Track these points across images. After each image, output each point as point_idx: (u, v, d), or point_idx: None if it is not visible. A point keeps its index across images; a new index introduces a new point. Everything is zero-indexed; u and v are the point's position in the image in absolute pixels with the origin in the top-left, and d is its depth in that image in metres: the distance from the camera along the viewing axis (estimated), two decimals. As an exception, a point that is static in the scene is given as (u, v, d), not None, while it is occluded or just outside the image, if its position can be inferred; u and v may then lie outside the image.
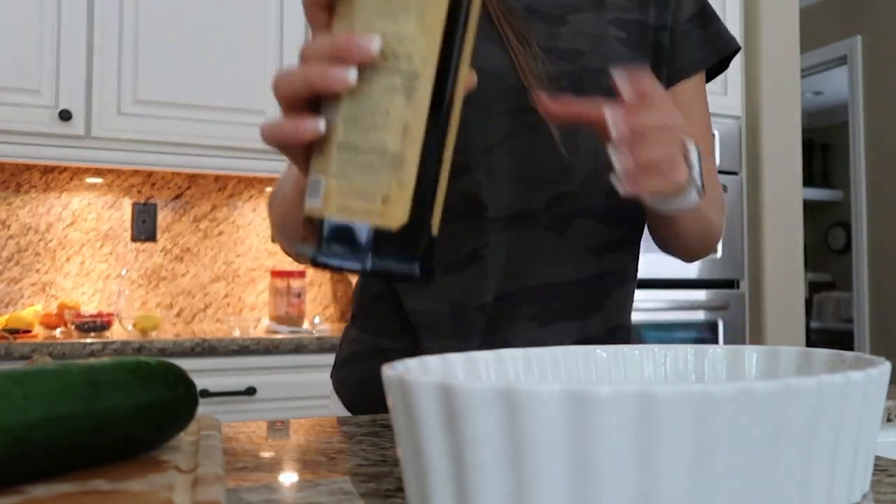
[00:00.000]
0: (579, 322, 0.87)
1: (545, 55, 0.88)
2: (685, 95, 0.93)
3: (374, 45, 0.44)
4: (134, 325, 2.26)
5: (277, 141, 0.49)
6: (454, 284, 0.85)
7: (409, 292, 0.88)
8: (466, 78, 0.49)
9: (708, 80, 0.96)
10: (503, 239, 0.85)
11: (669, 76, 0.92)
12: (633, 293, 0.94)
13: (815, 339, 5.67)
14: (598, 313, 0.88)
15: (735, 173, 2.76)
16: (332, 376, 0.97)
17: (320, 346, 2.14)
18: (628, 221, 0.90)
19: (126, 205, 2.53)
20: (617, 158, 0.63)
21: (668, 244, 0.91)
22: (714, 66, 0.95)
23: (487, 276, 0.84)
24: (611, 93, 0.87)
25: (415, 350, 0.88)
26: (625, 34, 0.90)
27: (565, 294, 0.86)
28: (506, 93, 0.85)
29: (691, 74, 0.92)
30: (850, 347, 4.86)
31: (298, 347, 2.12)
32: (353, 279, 2.54)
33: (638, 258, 0.94)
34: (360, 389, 0.91)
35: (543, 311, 0.85)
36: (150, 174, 2.56)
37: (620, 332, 0.91)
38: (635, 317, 2.55)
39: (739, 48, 0.94)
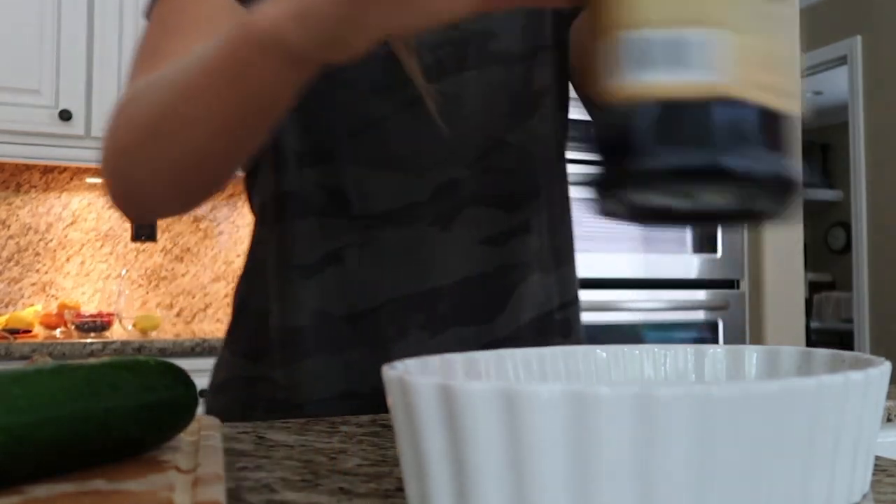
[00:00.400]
0: (480, 326, 0.74)
1: None
2: None
3: None
4: (134, 325, 2.26)
5: None
6: (311, 291, 0.73)
7: (279, 304, 0.74)
8: None
9: None
10: (377, 239, 0.72)
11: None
12: (569, 281, 0.81)
13: (815, 339, 5.66)
14: (501, 314, 0.75)
15: None
16: (204, 403, 0.82)
17: (320, 346, 2.14)
18: (528, 200, 0.78)
19: (126, 205, 2.53)
20: None
21: None
22: None
23: (352, 281, 0.72)
24: (501, 58, 0.76)
25: (280, 374, 0.74)
26: None
27: (457, 296, 0.74)
28: (374, 66, 0.71)
29: None
30: (850, 347, 4.86)
31: (298, 347, 2.12)
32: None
33: (553, 236, 0.81)
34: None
35: (433, 318, 0.73)
36: (150, 174, 2.56)
37: (546, 327, 0.78)
38: (635, 317, 2.55)
39: None
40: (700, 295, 2.68)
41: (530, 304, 0.78)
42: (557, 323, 0.80)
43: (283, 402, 0.74)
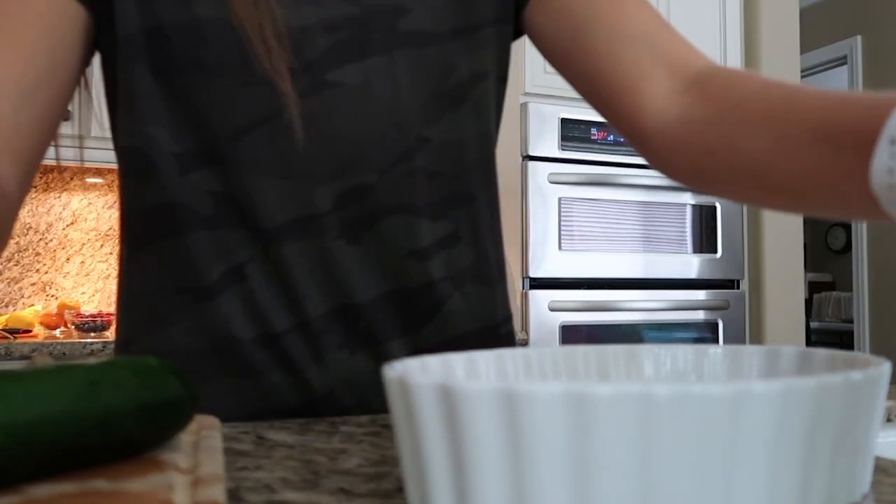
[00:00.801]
0: (406, 338, 0.68)
1: None
2: None
3: None
4: (134, 325, 2.26)
5: None
6: (209, 314, 0.65)
7: (160, 330, 0.66)
8: None
9: None
10: (279, 254, 0.64)
11: None
12: (500, 291, 0.74)
13: (815, 339, 5.66)
14: (427, 326, 0.68)
15: None
16: None
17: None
18: (457, 207, 0.70)
19: (126, 205, 2.53)
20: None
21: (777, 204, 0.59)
22: None
23: (260, 302, 0.64)
24: (414, 39, 0.66)
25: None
26: None
27: (377, 311, 0.66)
28: (250, 55, 0.61)
29: None
30: (850, 347, 4.86)
31: (298, 347, 2.12)
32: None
33: (494, 250, 0.73)
34: None
35: (352, 337, 0.66)
36: (150, 174, 2.56)
37: (475, 339, 0.71)
38: (635, 316, 2.55)
39: None
40: (700, 295, 2.68)
41: (466, 318, 0.71)
42: (503, 336, 0.74)
43: None
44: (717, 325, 2.69)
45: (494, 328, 0.73)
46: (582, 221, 2.49)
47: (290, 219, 0.64)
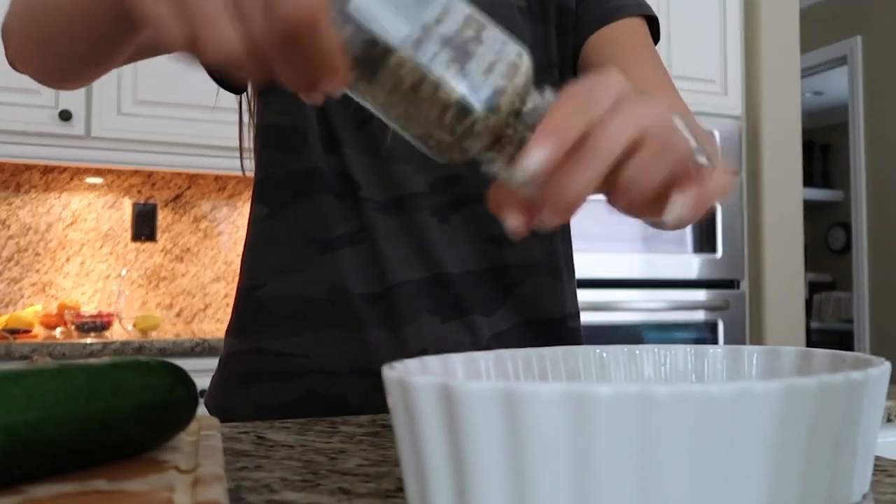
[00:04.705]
0: (486, 317, 0.78)
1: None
2: (615, 35, 0.81)
3: None
4: (134, 325, 2.26)
5: None
6: (330, 266, 0.77)
7: (288, 277, 0.78)
8: None
9: None
10: (385, 223, 0.77)
11: (588, 24, 0.83)
12: (569, 286, 0.85)
13: (815, 339, 5.66)
14: (502, 308, 0.79)
15: (735, 173, 2.76)
16: (207, 403, 0.82)
17: (320, 346, 2.14)
18: None
19: (126, 205, 2.53)
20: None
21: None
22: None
23: (370, 263, 0.77)
24: None
25: (283, 345, 0.77)
26: (525, 2, 0.82)
27: (463, 286, 0.78)
28: None
29: (617, 19, 0.82)
30: (850, 347, 4.86)
31: (298, 347, 2.12)
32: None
33: (563, 247, 0.85)
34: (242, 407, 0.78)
35: (442, 304, 0.77)
36: (150, 174, 2.56)
37: (547, 327, 0.81)
38: (635, 316, 2.55)
39: (657, 18, 0.85)
40: (700, 295, 2.68)
41: (536, 305, 0.81)
42: (572, 331, 0.84)
43: (286, 372, 0.76)
44: (717, 325, 2.69)
45: (562, 320, 0.83)
46: (582, 221, 2.49)
47: (392, 197, 0.77)
